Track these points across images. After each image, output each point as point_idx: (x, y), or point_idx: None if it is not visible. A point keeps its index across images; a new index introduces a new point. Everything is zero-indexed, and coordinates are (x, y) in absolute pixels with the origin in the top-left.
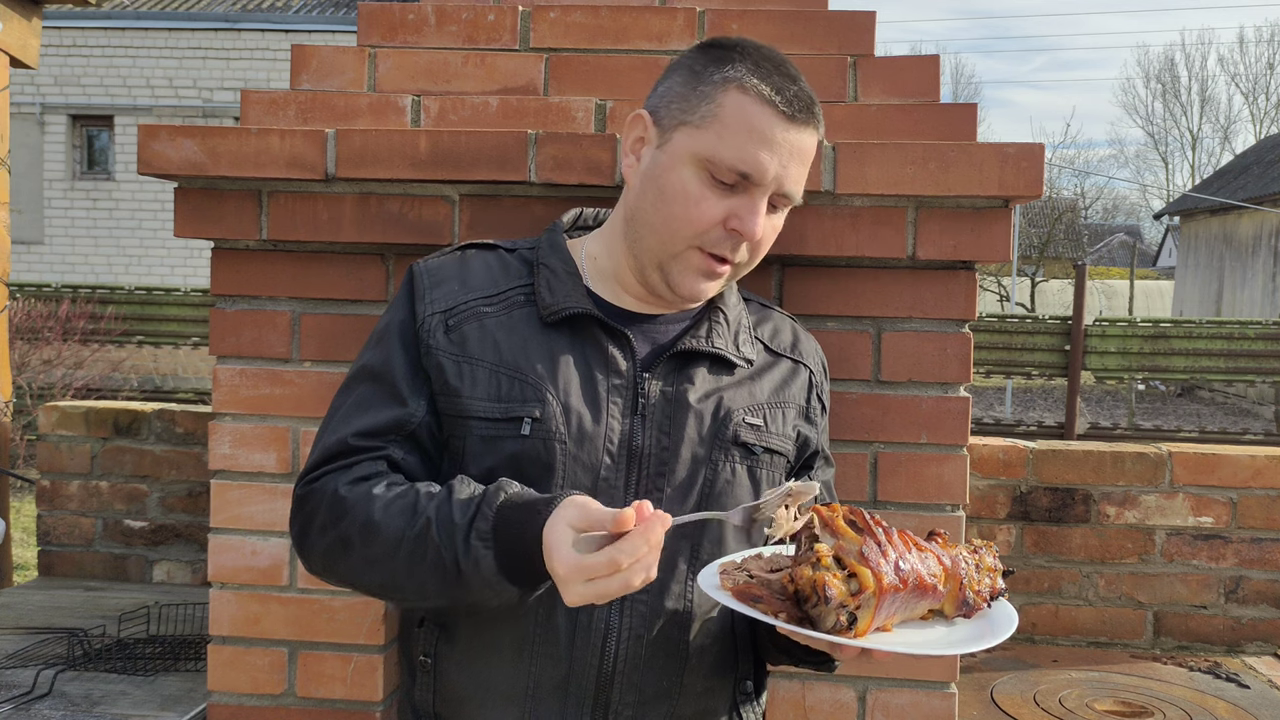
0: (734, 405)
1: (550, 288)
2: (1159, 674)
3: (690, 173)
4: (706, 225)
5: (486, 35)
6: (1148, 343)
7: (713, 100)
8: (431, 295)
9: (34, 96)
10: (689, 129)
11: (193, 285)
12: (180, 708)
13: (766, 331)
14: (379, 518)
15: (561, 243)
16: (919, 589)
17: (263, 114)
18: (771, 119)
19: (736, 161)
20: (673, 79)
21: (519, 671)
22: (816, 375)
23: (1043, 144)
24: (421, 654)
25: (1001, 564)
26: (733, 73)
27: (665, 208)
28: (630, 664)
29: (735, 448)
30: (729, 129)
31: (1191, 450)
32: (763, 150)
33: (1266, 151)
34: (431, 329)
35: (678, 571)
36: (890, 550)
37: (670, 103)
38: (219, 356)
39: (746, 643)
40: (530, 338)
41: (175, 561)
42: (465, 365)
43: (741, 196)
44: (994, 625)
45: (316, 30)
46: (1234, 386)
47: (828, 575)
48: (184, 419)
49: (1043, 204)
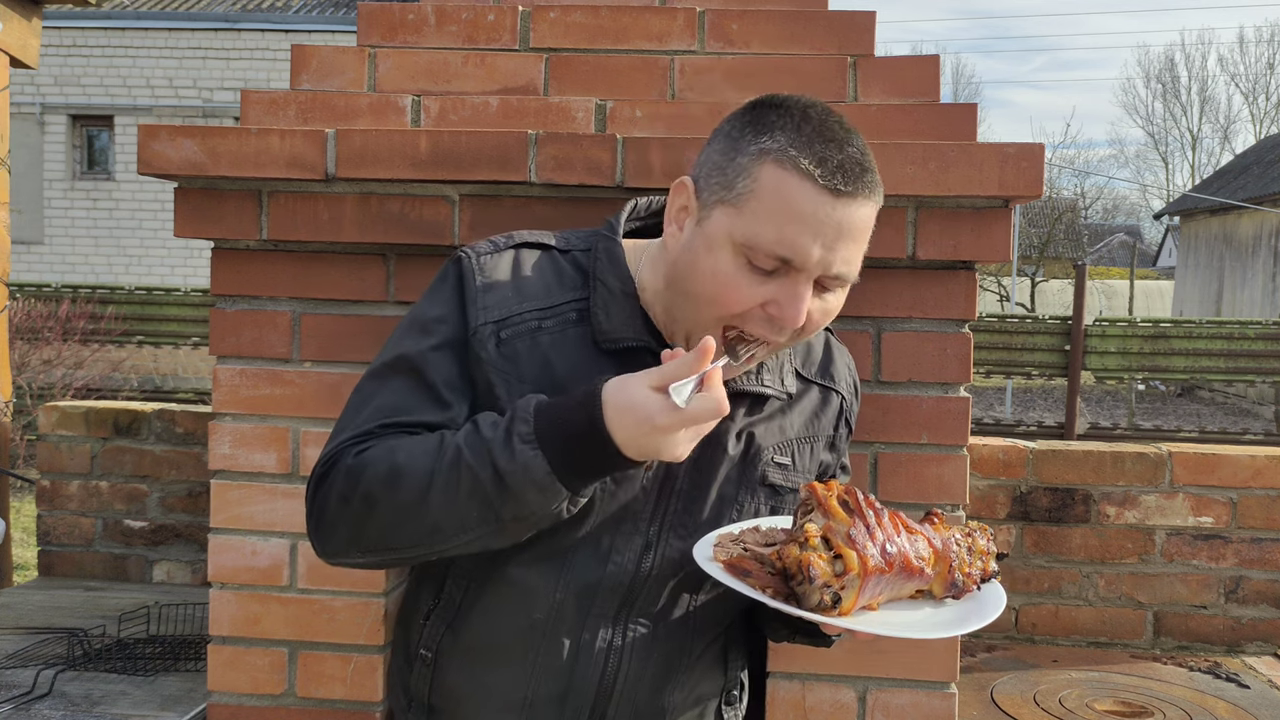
0: (764, 443)
1: (607, 312)
2: (1159, 674)
3: (728, 255)
4: (742, 310)
5: (486, 35)
6: (1148, 343)
7: (749, 175)
8: (484, 300)
9: (34, 96)
10: (726, 208)
11: (193, 285)
12: (180, 708)
13: (799, 353)
14: (402, 461)
15: (620, 254)
16: (905, 571)
17: (263, 114)
18: (814, 196)
19: (775, 246)
20: (714, 146)
21: (519, 682)
22: (848, 400)
23: (1043, 144)
24: (423, 647)
25: (995, 547)
26: (770, 143)
27: (701, 288)
28: (630, 684)
29: (762, 489)
30: (765, 209)
31: (1191, 450)
32: (804, 234)
33: (1266, 151)
34: (484, 339)
35: (683, 600)
36: (879, 532)
37: (710, 174)
38: (219, 356)
39: (738, 649)
40: (582, 363)
41: (175, 561)
42: (515, 385)
43: (783, 280)
44: (980, 607)
45: (316, 30)
46: (1234, 386)
47: (813, 555)
48: (184, 419)
49: (1043, 204)
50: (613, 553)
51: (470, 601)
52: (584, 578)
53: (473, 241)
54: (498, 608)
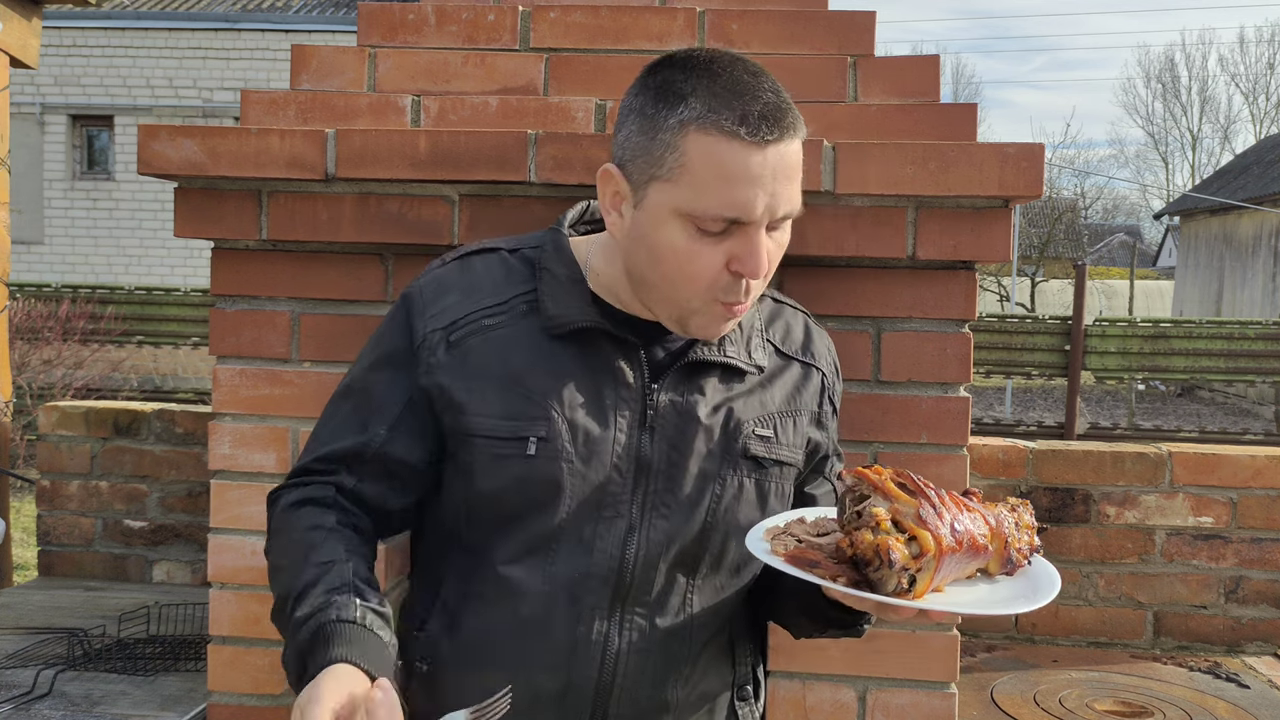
0: (744, 416)
1: (554, 298)
2: (1159, 674)
3: (677, 228)
4: (712, 275)
5: (486, 35)
6: (1148, 343)
7: (676, 149)
8: (432, 310)
9: (34, 96)
10: (661, 184)
11: (193, 285)
12: (180, 708)
13: (778, 332)
14: (277, 561)
15: (565, 244)
16: (972, 549)
17: (263, 114)
18: (744, 153)
19: (720, 209)
20: (629, 125)
21: (517, 683)
22: (829, 378)
23: (1043, 144)
24: (418, 659)
25: (1036, 521)
26: (688, 112)
27: (662, 268)
28: (630, 678)
29: (745, 461)
30: (701, 178)
31: (1191, 450)
32: (744, 190)
33: (1266, 151)
34: (432, 347)
35: (678, 585)
36: (945, 512)
37: (634, 156)
38: (219, 356)
39: (746, 644)
40: (535, 352)
41: (175, 561)
42: (470, 382)
43: (736, 238)
44: (1038, 585)
45: (316, 30)
46: (1234, 386)
47: (890, 539)
48: (184, 419)
49: (1043, 204)
50: (596, 540)
51: (462, 605)
52: (570, 569)
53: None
54: (489, 608)
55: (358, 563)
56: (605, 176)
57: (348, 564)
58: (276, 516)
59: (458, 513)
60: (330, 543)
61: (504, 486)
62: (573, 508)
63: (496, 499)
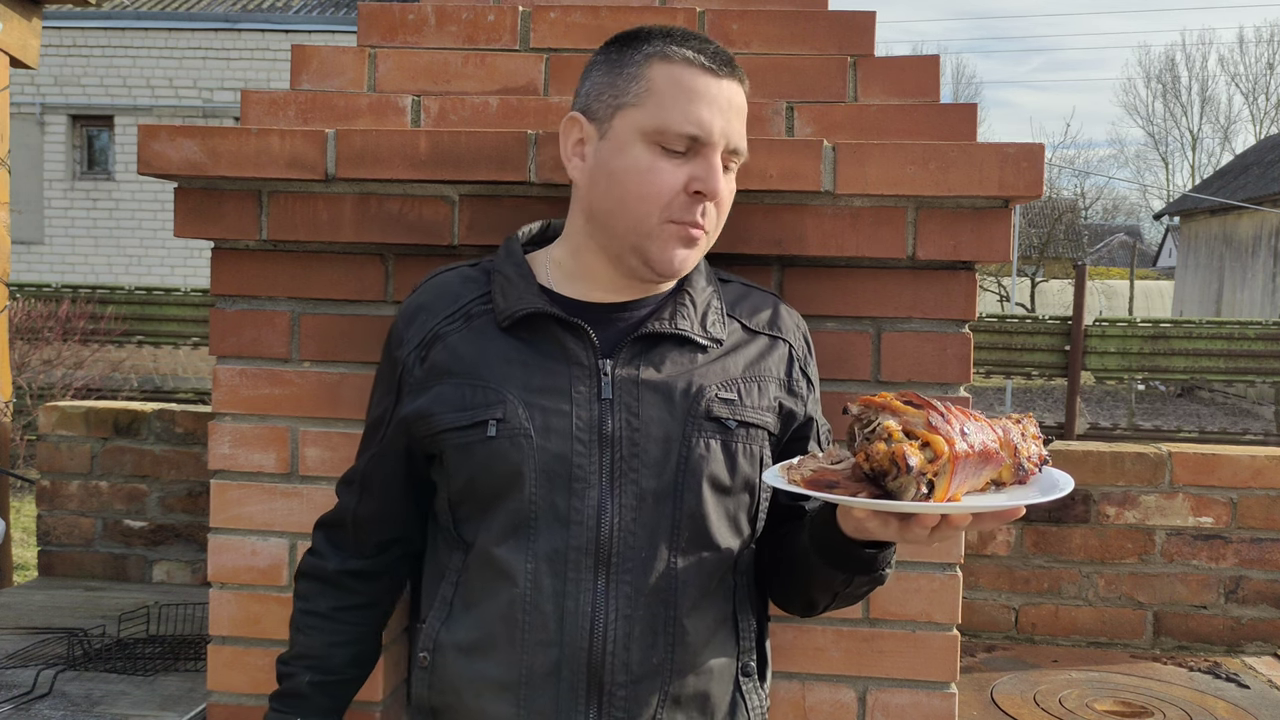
0: (706, 382)
1: (504, 293)
2: (1159, 674)
3: (641, 149)
4: (670, 194)
5: (486, 35)
6: (1148, 343)
7: (642, 78)
8: (407, 335)
9: (34, 96)
10: (628, 110)
11: (193, 285)
12: (180, 708)
13: (745, 309)
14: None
15: (516, 248)
16: (984, 455)
17: (263, 114)
18: (703, 77)
19: (683, 125)
20: (593, 76)
21: (511, 662)
22: (798, 349)
23: (1043, 144)
24: (421, 650)
25: (1041, 432)
26: (651, 48)
27: (624, 189)
28: (619, 643)
29: (709, 423)
30: (666, 97)
31: (1191, 450)
32: (704, 109)
33: (1266, 151)
34: (410, 367)
35: (660, 549)
36: (954, 420)
37: (600, 95)
38: (219, 356)
39: (749, 620)
40: (489, 343)
41: (175, 561)
42: (434, 387)
43: (696, 160)
44: (1055, 482)
45: (316, 30)
46: (1234, 387)
47: (905, 446)
48: (184, 419)
49: (1043, 204)
50: (571, 512)
51: (457, 594)
52: (551, 544)
53: (470, 242)
54: (481, 591)
55: (327, 656)
56: (569, 124)
57: (304, 677)
58: (296, 575)
59: (446, 510)
60: (309, 634)
61: (474, 473)
62: (541, 482)
63: (471, 486)
